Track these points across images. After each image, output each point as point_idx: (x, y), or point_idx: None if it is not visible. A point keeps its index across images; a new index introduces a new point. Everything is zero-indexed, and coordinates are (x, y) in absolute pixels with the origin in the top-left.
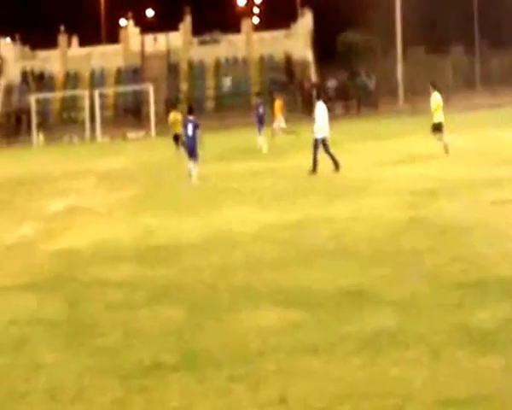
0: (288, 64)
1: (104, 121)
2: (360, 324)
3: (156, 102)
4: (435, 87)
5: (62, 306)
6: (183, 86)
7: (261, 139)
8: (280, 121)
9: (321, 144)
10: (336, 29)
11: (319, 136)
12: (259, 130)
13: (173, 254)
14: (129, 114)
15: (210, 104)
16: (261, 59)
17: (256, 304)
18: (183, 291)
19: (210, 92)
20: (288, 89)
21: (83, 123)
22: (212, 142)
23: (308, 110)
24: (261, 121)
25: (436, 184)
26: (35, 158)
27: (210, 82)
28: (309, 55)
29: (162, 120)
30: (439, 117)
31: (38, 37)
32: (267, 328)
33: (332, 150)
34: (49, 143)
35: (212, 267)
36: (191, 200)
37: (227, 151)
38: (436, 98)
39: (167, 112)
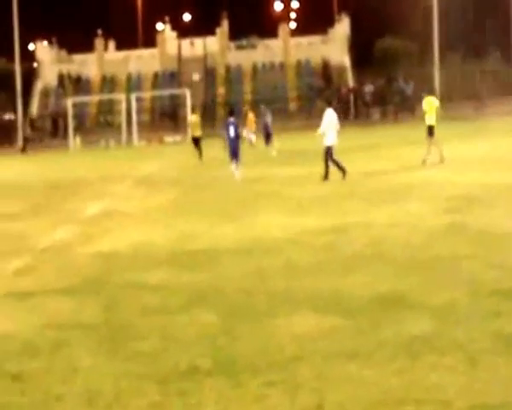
0: (325, 69)
1: (141, 125)
2: (397, 330)
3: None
4: (430, 93)
5: (99, 309)
6: (220, 91)
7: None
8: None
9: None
10: (373, 34)
11: (329, 143)
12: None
13: (210, 259)
14: (165, 117)
15: (247, 109)
16: (298, 64)
17: (293, 309)
18: (220, 296)
19: (247, 97)
20: (325, 94)
21: (119, 127)
22: (249, 146)
23: (345, 116)
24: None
25: (473, 190)
26: (71, 162)
27: (247, 87)
28: (346, 60)
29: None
30: (430, 119)
31: (75, 40)
32: (304, 333)
33: (332, 159)
34: (86, 147)
35: (249, 272)
36: (229, 204)
37: (265, 156)
38: (429, 101)
39: (203, 116)
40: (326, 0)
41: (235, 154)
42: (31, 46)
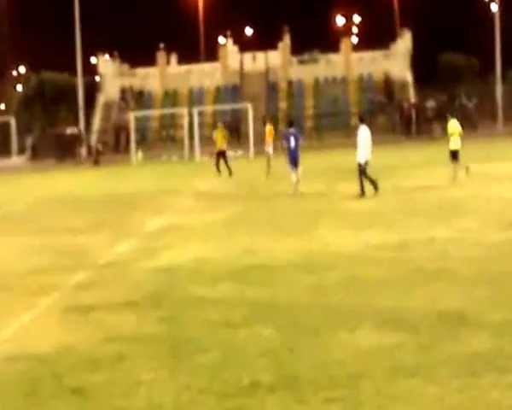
0: (387, 84)
1: (203, 140)
2: (460, 346)
3: (255, 121)
4: (452, 115)
5: (160, 323)
6: (282, 105)
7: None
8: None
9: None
10: (435, 49)
11: (362, 160)
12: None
13: (271, 275)
14: (227, 132)
15: (309, 124)
16: (360, 79)
17: (354, 325)
18: (281, 311)
19: (309, 112)
20: (387, 109)
21: (181, 141)
22: (311, 161)
23: (407, 131)
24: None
25: None
26: (134, 176)
27: (308, 101)
28: (408, 75)
29: (260, 139)
30: (454, 144)
31: (137, 54)
32: (365, 349)
33: (365, 175)
34: (148, 161)
35: (310, 287)
36: (289, 219)
37: (326, 171)
38: (453, 125)
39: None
40: (388, 15)
41: (294, 163)
42: (92, 60)
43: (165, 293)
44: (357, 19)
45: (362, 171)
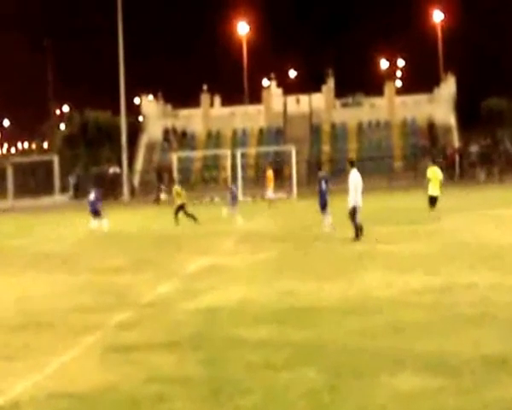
0: (431, 128)
1: (246, 181)
2: (501, 393)
3: (298, 163)
4: (434, 162)
5: (201, 364)
6: (325, 148)
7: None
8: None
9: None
10: (480, 94)
11: (350, 204)
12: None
13: (313, 317)
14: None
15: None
16: (403, 123)
17: (396, 369)
18: (323, 354)
19: (352, 155)
20: (431, 154)
21: (225, 182)
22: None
23: (451, 176)
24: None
25: None
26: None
27: (352, 144)
28: (452, 119)
29: (304, 182)
30: (432, 190)
31: (181, 95)
32: (406, 393)
33: (355, 221)
34: (190, 202)
35: (352, 331)
36: (331, 262)
37: (368, 214)
38: (432, 171)
39: (309, 173)
40: (432, 59)
41: (324, 205)
42: (136, 100)
43: (205, 334)
44: (401, 63)
45: (352, 215)
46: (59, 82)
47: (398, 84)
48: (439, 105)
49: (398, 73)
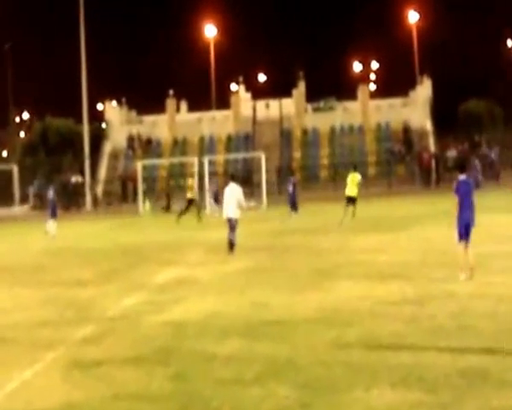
0: (406, 133)
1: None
2: (481, 406)
3: (268, 171)
4: (355, 169)
5: (169, 381)
6: (296, 154)
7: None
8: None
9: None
10: (456, 97)
11: (224, 216)
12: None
13: (285, 330)
14: (239, 182)
15: (324, 173)
16: (378, 127)
17: (372, 383)
18: (295, 369)
19: (324, 161)
20: (406, 159)
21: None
22: (326, 212)
23: (427, 182)
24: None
25: None
26: (141, 226)
27: (324, 150)
28: (428, 123)
29: (274, 190)
30: (350, 191)
31: (146, 101)
32: (383, 409)
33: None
34: (156, 212)
35: (326, 344)
36: (305, 272)
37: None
38: (353, 176)
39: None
40: (407, 61)
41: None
42: (99, 106)
43: (174, 348)
44: (375, 65)
45: (231, 226)
46: (19, 88)
47: (372, 87)
48: (415, 109)
49: (372, 76)
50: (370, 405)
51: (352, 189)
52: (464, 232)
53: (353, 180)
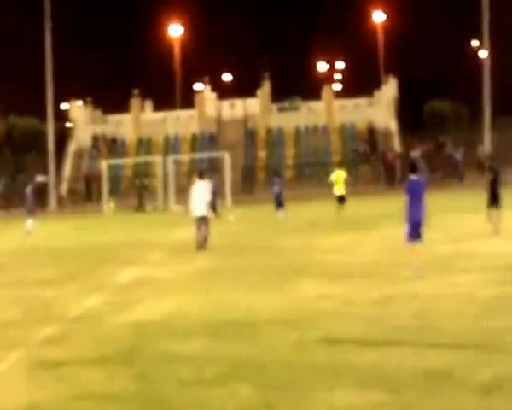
0: (371, 133)
1: (178, 189)
2: (444, 406)
3: (232, 170)
4: (340, 167)
5: (131, 381)
6: (261, 154)
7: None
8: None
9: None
10: (422, 97)
11: (192, 215)
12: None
13: (247, 330)
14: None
15: (289, 173)
16: (342, 127)
17: (334, 384)
18: (258, 369)
19: (289, 161)
20: (371, 159)
21: (155, 190)
22: (290, 212)
23: (391, 181)
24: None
25: None
26: (105, 226)
27: (289, 150)
28: (392, 124)
29: (239, 189)
30: (338, 190)
31: (110, 100)
32: (346, 409)
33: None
34: (121, 211)
35: (289, 344)
36: (268, 272)
37: (306, 223)
38: (337, 173)
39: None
40: (372, 61)
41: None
42: (64, 105)
43: (136, 349)
44: (340, 65)
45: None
46: None
47: (338, 87)
48: (380, 109)
49: (338, 76)
50: (334, 405)
51: (340, 187)
52: (415, 232)
53: (340, 178)
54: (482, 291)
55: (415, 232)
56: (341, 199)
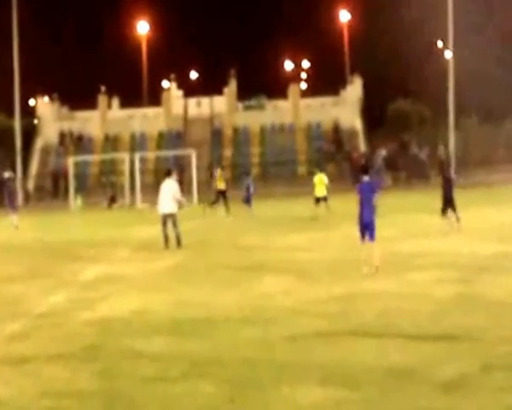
0: (336, 132)
1: (144, 187)
2: (406, 403)
3: (198, 168)
4: (321, 170)
5: (95, 378)
6: (227, 152)
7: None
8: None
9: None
10: (387, 97)
11: (159, 212)
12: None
13: (211, 327)
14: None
15: (254, 172)
16: (308, 126)
17: (297, 381)
18: (222, 366)
19: (254, 159)
20: (336, 158)
21: (122, 188)
22: (256, 210)
23: (355, 181)
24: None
25: (486, 260)
26: (72, 223)
27: (254, 149)
28: (358, 123)
29: (205, 187)
30: (319, 192)
31: (77, 97)
32: (309, 405)
33: (163, 228)
34: (87, 208)
35: (251, 341)
36: (232, 270)
37: (271, 221)
38: (319, 177)
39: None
40: (338, 60)
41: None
42: (31, 102)
43: (100, 346)
44: (306, 64)
45: (162, 223)
46: None
47: (304, 86)
48: (345, 108)
49: (304, 75)
50: (297, 402)
51: (320, 189)
52: (365, 233)
53: (321, 181)
54: (442, 290)
55: (365, 233)
56: (319, 200)
